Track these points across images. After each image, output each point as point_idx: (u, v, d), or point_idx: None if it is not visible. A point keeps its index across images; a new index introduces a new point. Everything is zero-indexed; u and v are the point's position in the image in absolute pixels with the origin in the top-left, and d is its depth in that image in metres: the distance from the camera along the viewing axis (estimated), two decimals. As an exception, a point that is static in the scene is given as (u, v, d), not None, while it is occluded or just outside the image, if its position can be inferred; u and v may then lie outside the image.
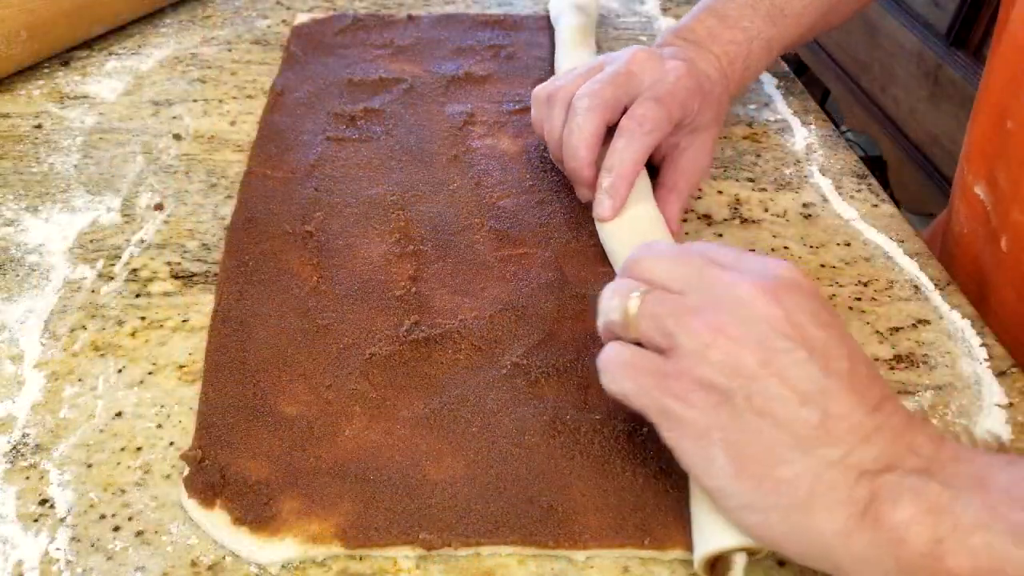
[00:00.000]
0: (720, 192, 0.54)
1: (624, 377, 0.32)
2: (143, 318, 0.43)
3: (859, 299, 0.47)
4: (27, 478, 0.35)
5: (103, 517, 0.34)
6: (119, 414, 0.38)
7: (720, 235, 0.51)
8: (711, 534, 0.31)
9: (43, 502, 0.34)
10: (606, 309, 0.34)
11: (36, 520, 0.33)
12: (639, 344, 0.33)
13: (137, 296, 0.44)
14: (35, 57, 0.61)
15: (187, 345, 0.41)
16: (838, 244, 0.50)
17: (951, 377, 0.42)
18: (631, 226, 0.46)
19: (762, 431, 0.29)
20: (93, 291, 0.44)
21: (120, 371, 0.40)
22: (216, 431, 0.36)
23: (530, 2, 0.76)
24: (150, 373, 0.40)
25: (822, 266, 0.49)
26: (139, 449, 0.36)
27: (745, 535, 0.31)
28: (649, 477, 0.35)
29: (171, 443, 0.37)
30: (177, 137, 0.56)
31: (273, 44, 0.68)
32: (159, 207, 0.50)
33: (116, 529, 0.33)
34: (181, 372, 0.40)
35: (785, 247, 0.50)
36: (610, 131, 0.47)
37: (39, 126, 0.56)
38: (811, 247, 0.50)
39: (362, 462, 0.35)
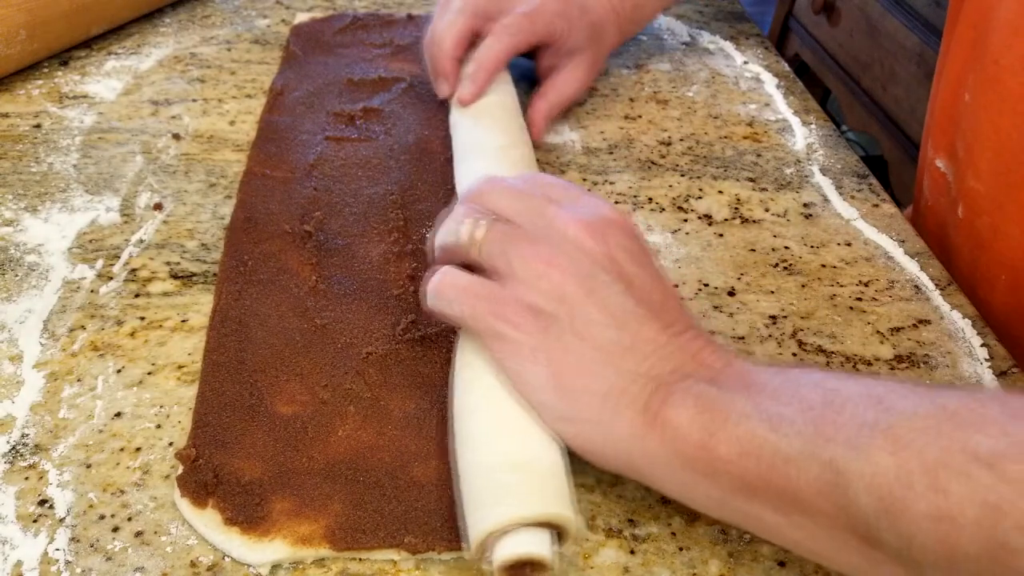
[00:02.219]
0: (720, 192, 0.54)
1: (461, 302, 0.35)
2: (142, 318, 0.43)
3: (860, 299, 0.46)
4: (26, 478, 0.35)
5: (102, 518, 0.34)
6: (118, 414, 0.38)
7: (721, 235, 0.51)
8: (481, 518, 0.31)
9: (42, 502, 0.34)
10: (454, 230, 0.37)
11: (35, 521, 0.33)
12: (469, 269, 0.36)
13: (136, 296, 0.44)
14: (34, 57, 0.61)
15: (186, 345, 0.41)
16: (839, 244, 0.50)
17: (952, 377, 0.42)
18: (486, 115, 0.51)
19: (581, 351, 0.32)
20: (92, 291, 0.44)
21: (119, 371, 0.40)
22: (212, 430, 0.36)
23: (530, 1, 0.75)
24: (149, 373, 0.40)
25: (823, 266, 0.49)
26: (138, 450, 0.36)
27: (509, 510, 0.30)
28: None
29: (170, 443, 0.37)
30: (176, 137, 0.56)
31: (272, 43, 0.68)
32: (158, 207, 0.50)
33: (115, 530, 0.33)
34: (180, 372, 0.40)
35: (786, 247, 0.50)
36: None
37: (38, 126, 0.56)
38: (812, 247, 0.50)
39: (353, 463, 0.35)
